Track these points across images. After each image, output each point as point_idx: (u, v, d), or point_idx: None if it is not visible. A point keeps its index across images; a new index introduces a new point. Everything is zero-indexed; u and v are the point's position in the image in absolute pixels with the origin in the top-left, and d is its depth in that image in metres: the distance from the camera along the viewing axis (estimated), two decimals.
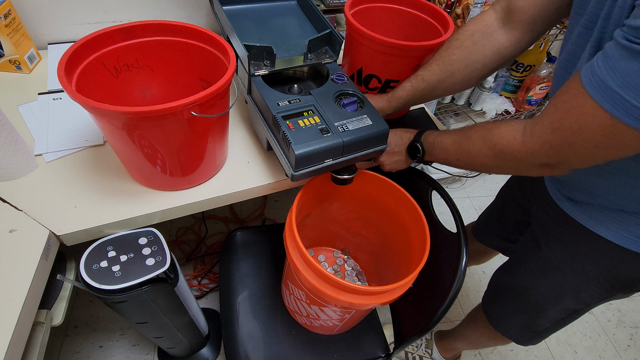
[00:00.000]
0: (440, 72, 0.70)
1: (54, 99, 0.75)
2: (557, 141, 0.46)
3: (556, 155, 0.47)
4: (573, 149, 0.45)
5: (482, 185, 1.88)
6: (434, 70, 0.70)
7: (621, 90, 0.38)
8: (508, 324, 0.86)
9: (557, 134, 0.46)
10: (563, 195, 0.66)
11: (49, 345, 0.58)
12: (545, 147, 0.48)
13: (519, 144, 0.51)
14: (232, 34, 0.66)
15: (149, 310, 0.67)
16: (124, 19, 0.91)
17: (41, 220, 0.56)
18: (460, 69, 0.68)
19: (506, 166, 0.55)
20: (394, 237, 0.78)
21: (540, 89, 1.53)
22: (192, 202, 0.63)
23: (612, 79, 0.39)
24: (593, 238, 0.61)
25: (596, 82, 0.40)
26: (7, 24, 0.74)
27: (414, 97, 0.73)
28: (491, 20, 0.67)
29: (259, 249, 0.95)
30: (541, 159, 0.49)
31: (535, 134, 0.48)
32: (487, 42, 0.66)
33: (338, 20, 1.14)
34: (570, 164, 0.48)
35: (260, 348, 0.79)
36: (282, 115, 0.60)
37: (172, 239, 1.40)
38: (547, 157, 0.48)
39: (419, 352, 1.24)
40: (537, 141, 0.48)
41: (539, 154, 0.49)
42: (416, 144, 0.67)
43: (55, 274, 0.55)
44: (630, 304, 1.54)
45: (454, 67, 0.68)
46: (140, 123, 0.48)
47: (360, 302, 0.58)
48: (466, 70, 0.68)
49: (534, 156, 0.50)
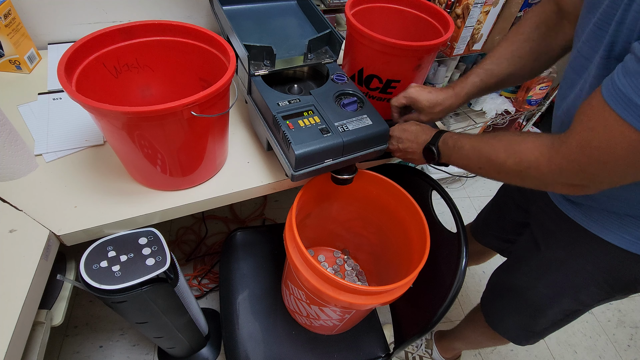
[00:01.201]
0: (509, 66, 0.69)
1: (54, 99, 0.75)
2: (584, 159, 0.44)
3: (585, 174, 0.46)
4: (603, 167, 0.44)
5: (482, 185, 1.88)
6: (504, 65, 0.69)
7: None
8: (506, 324, 0.86)
9: (584, 152, 0.44)
10: (562, 196, 0.66)
11: (49, 345, 0.58)
12: (573, 165, 0.46)
13: (546, 162, 0.49)
14: (232, 34, 0.66)
15: (149, 310, 0.67)
16: (124, 19, 0.91)
17: (41, 220, 0.56)
18: (529, 62, 0.68)
19: (531, 182, 0.53)
20: (394, 237, 0.78)
21: (540, 89, 1.53)
22: (192, 202, 0.63)
23: (635, 94, 0.38)
24: (592, 239, 0.61)
25: (620, 97, 0.39)
26: (7, 24, 0.74)
27: (481, 90, 0.72)
28: (550, 12, 0.66)
29: (259, 249, 0.95)
30: (569, 178, 0.48)
31: (562, 152, 0.47)
32: (553, 34, 0.66)
33: (338, 20, 1.14)
34: (600, 183, 0.46)
35: (260, 348, 0.79)
36: (282, 115, 0.60)
37: (172, 239, 1.40)
38: (577, 177, 0.47)
39: (419, 352, 1.24)
40: (565, 160, 0.46)
41: (567, 173, 0.47)
42: (432, 147, 0.64)
43: (55, 274, 0.55)
44: (630, 304, 1.54)
45: (524, 61, 0.68)
46: (140, 123, 0.48)
47: (360, 302, 0.58)
48: (535, 63, 0.68)
49: (563, 176, 0.48)
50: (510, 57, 0.69)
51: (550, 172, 0.49)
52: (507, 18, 1.13)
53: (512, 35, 0.70)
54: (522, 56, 0.68)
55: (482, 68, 0.71)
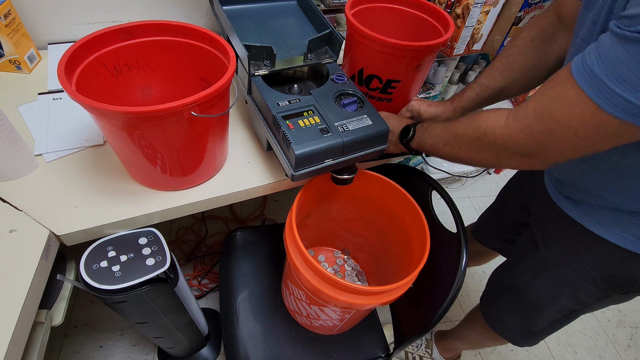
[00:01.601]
0: (504, 79, 0.71)
1: (54, 99, 0.75)
2: (537, 126, 0.45)
3: (534, 143, 0.47)
4: (552, 137, 0.45)
5: (482, 185, 1.88)
6: (498, 78, 0.72)
7: (606, 79, 0.38)
8: (504, 324, 0.87)
9: (538, 120, 0.45)
10: (562, 194, 0.66)
11: (49, 345, 0.58)
12: (524, 132, 0.47)
13: (500, 128, 0.50)
14: (232, 34, 0.66)
15: (149, 310, 0.67)
16: (124, 19, 0.91)
17: (41, 220, 0.56)
18: (523, 74, 0.70)
19: (487, 153, 0.54)
20: (394, 237, 0.78)
21: None
22: (192, 202, 0.63)
23: (599, 67, 0.39)
24: (591, 237, 0.62)
25: (584, 69, 0.40)
26: (7, 24, 0.74)
27: (477, 104, 0.75)
28: (546, 24, 0.67)
29: (259, 249, 0.95)
30: (519, 146, 0.48)
31: (518, 117, 0.48)
32: (547, 46, 0.67)
33: (338, 20, 1.14)
34: (548, 154, 0.47)
35: (260, 348, 0.79)
36: (282, 115, 0.60)
37: (172, 239, 1.40)
38: (525, 145, 0.48)
39: (419, 352, 1.24)
40: (519, 125, 0.48)
41: (518, 140, 0.48)
42: (409, 126, 0.67)
43: (55, 274, 0.55)
44: (630, 304, 1.54)
45: (518, 73, 0.70)
46: (140, 123, 0.48)
47: (360, 302, 0.58)
48: (529, 75, 0.69)
49: (513, 142, 0.49)
50: (503, 70, 0.71)
51: (503, 137, 0.50)
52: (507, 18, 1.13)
53: (506, 49, 0.72)
54: (516, 69, 0.70)
55: (478, 82, 0.74)
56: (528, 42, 0.69)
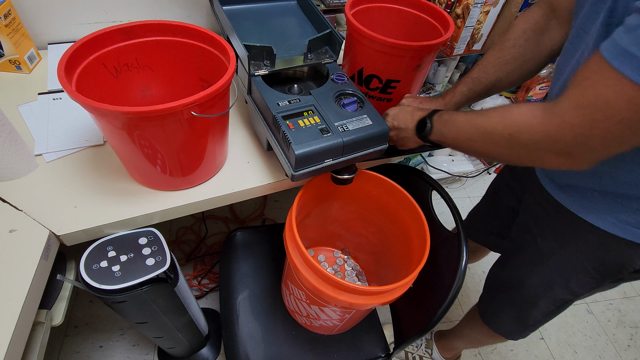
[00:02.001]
0: (496, 73, 0.70)
1: (54, 99, 0.75)
2: (577, 119, 0.42)
3: (576, 138, 0.44)
4: (594, 129, 0.42)
5: (482, 185, 1.88)
6: (490, 72, 0.71)
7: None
8: (499, 319, 0.87)
9: (578, 112, 0.42)
10: (552, 180, 0.66)
11: (49, 345, 0.58)
12: (564, 127, 0.44)
13: (537, 123, 0.47)
14: (232, 34, 0.66)
15: (149, 310, 0.67)
16: (124, 19, 0.91)
17: (41, 220, 0.56)
18: (516, 68, 0.69)
19: (520, 151, 0.50)
20: (394, 237, 0.78)
21: (540, 89, 1.53)
22: (192, 202, 0.63)
23: (635, 46, 0.37)
24: (582, 226, 0.62)
25: (618, 51, 0.38)
26: (7, 24, 0.74)
27: (470, 99, 0.74)
28: (538, 17, 0.67)
29: (259, 249, 0.95)
30: (559, 144, 0.45)
31: (556, 112, 0.45)
32: (540, 39, 0.67)
33: (338, 20, 1.14)
34: (592, 150, 0.44)
35: (260, 348, 0.79)
36: (282, 115, 0.60)
37: (172, 239, 1.40)
38: (565, 142, 0.45)
39: (419, 352, 1.24)
40: (557, 120, 0.44)
41: (557, 136, 0.45)
42: (425, 119, 0.64)
43: (55, 274, 0.55)
44: (630, 304, 1.54)
45: (510, 67, 0.69)
46: (140, 123, 0.48)
47: (360, 302, 0.58)
48: (522, 68, 0.69)
49: (552, 139, 0.46)
50: (496, 63, 0.70)
51: (540, 135, 0.47)
52: (507, 18, 1.13)
53: (499, 42, 0.71)
54: (509, 62, 0.69)
55: (470, 77, 0.74)
56: (520, 35, 0.68)
